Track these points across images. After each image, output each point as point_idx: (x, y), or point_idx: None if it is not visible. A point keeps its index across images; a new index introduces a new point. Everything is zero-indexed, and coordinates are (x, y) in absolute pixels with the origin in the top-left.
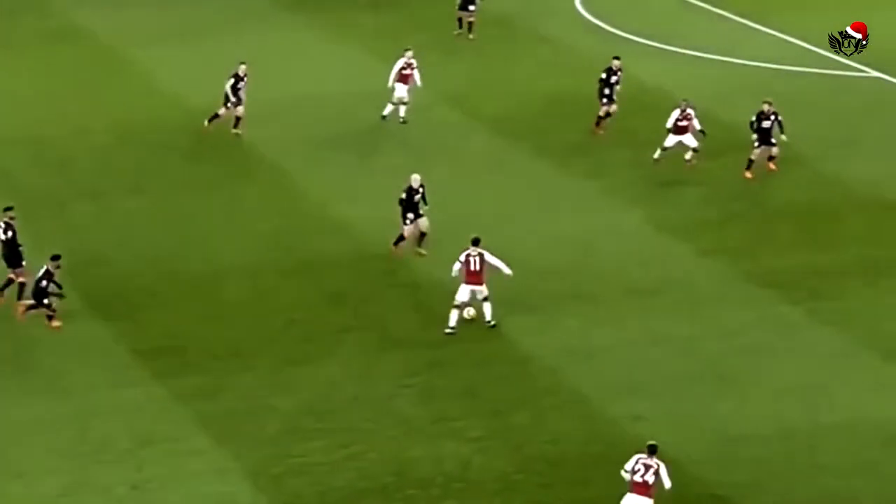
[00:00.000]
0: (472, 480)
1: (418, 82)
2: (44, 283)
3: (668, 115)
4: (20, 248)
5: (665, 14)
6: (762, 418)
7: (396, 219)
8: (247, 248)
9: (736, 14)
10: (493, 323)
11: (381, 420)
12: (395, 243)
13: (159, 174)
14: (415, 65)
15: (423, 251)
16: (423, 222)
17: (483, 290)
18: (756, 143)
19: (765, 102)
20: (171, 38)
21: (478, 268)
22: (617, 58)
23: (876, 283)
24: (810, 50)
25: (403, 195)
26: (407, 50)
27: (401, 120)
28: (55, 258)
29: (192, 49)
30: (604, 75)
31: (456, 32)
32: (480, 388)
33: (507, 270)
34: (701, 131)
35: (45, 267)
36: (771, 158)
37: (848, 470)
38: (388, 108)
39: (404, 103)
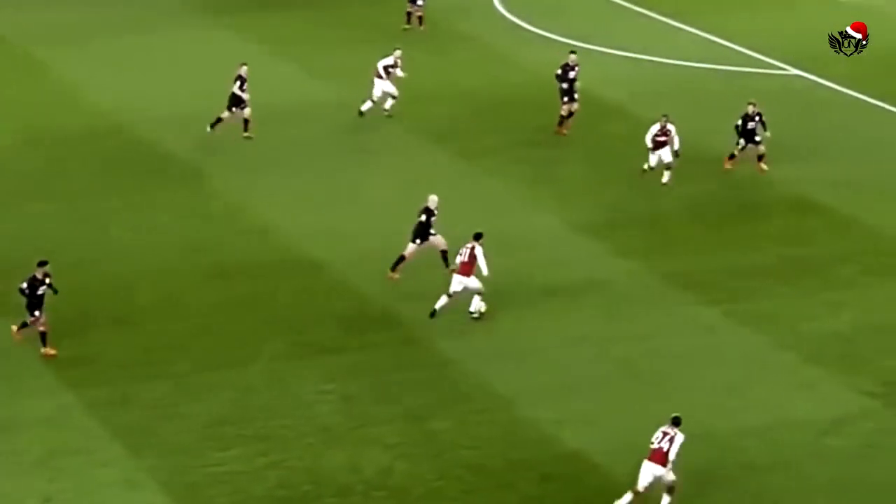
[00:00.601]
0: (394, 487)
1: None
2: (40, 290)
3: (587, 114)
4: None
5: (585, 13)
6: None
7: (312, 222)
8: (159, 253)
9: (657, 13)
10: (475, 314)
11: (300, 427)
12: (394, 266)
13: (68, 178)
14: (400, 64)
15: (452, 267)
16: (438, 240)
17: (470, 281)
18: (741, 146)
19: (749, 104)
20: (78, 37)
21: (466, 259)
22: (573, 52)
23: (794, 283)
24: (732, 48)
25: (423, 217)
26: (396, 49)
27: (386, 113)
28: (42, 264)
29: (99, 49)
30: (559, 71)
31: (404, 27)
32: (400, 393)
33: (484, 271)
34: (675, 153)
35: (32, 274)
36: (760, 158)
37: (768, 471)
38: (367, 105)
39: (393, 97)
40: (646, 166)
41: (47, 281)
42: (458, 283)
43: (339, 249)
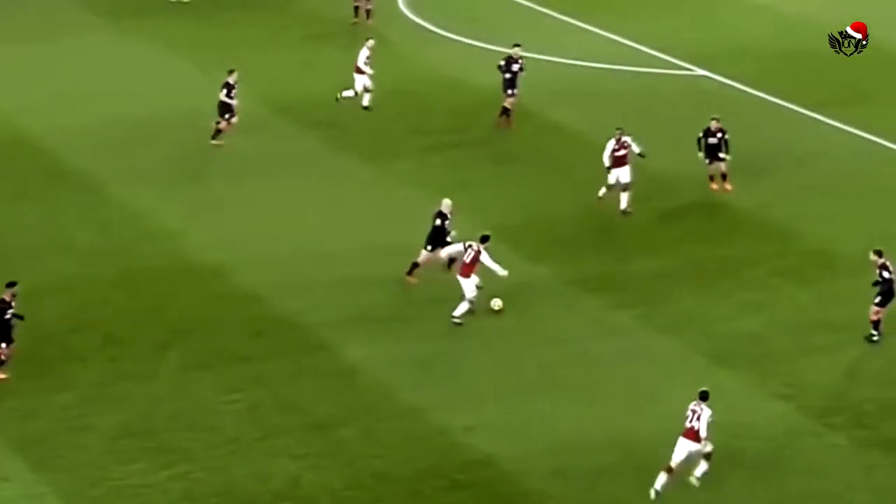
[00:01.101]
0: (302, 498)
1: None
2: (7, 315)
3: (494, 115)
4: None
5: (489, 13)
6: (596, 426)
7: (216, 229)
8: (63, 263)
9: (560, 13)
10: (457, 321)
11: (205, 438)
12: (409, 272)
13: None
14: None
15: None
16: (451, 249)
17: (467, 283)
18: (707, 161)
19: (713, 119)
20: None
21: (467, 261)
22: (517, 44)
23: (708, 285)
24: (637, 49)
25: (437, 221)
26: (369, 39)
27: (365, 107)
28: (11, 285)
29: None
30: (502, 62)
31: (353, 21)
32: (307, 402)
33: (501, 272)
34: (640, 154)
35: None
36: (724, 177)
37: (681, 475)
38: (349, 92)
39: (367, 90)
40: (601, 192)
41: (13, 305)
42: (462, 284)
43: (244, 256)
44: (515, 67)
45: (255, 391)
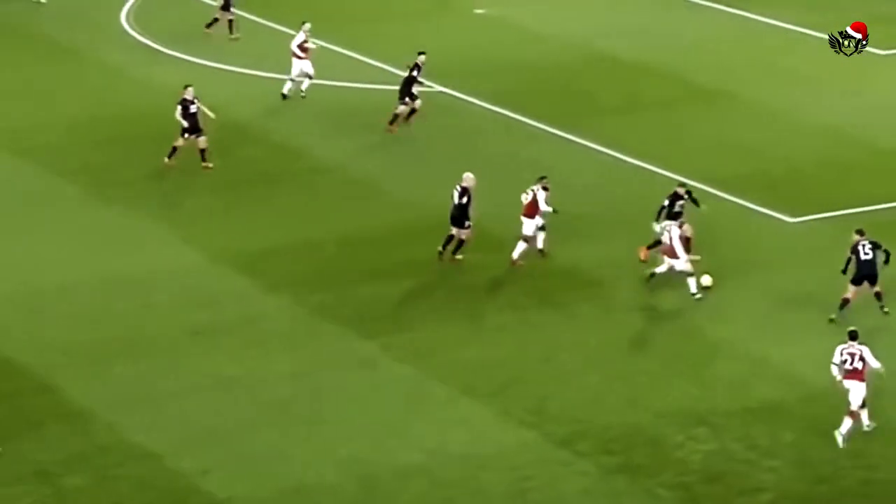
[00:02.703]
0: None
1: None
2: None
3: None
4: None
5: (218, 30)
6: (337, 463)
7: None
8: None
9: (293, 28)
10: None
11: None
12: (455, 251)
13: None
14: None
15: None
16: (465, 232)
17: (535, 222)
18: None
19: (680, 186)
20: None
21: (529, 200)
22: (422, 52)
23: (450, 309)
24: (369, 63)
25: (462, 199)
26: (305, 23)
27: (302, 95)
28: None
29: None
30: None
31: (233, 37)
32: (31, 449)
33: (547, 207)
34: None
35: None
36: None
37: None
38: (288, 86)
39: (309, 77)
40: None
41: None
42: (528, 226)
43: None
44: (415, 73)
45: None
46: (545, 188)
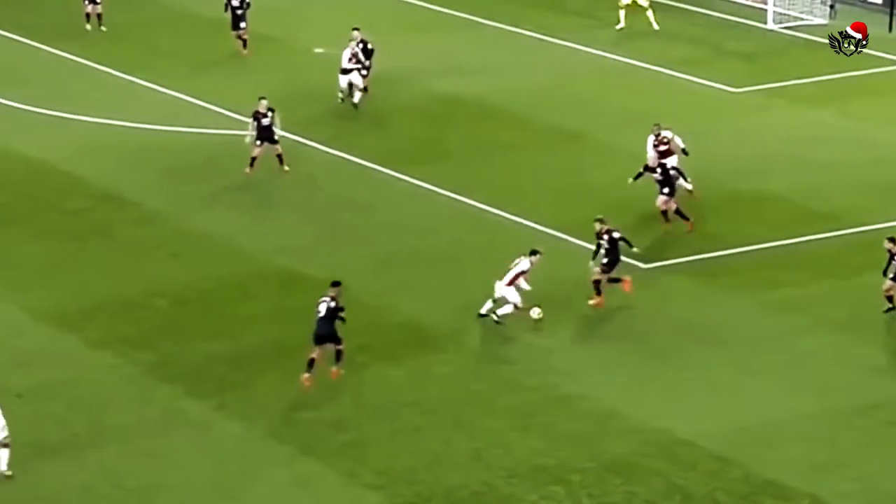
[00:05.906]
0: None
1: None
2: None
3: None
4: None
5: (43, 76)
6: None
7: None
8: None
9: (123, 72)
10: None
11: None
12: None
13: None
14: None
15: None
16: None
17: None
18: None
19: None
20: None
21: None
22: (356, 28)
23: (288, 367)
24: (209, 108)
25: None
26: (354, 30)
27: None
28: None
29: None
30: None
31: (86, 27)
32: None
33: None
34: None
35: None
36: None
37: None
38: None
39: (361, 90)
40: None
41: None
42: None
43: None
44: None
45: None
46: (532, 261)
